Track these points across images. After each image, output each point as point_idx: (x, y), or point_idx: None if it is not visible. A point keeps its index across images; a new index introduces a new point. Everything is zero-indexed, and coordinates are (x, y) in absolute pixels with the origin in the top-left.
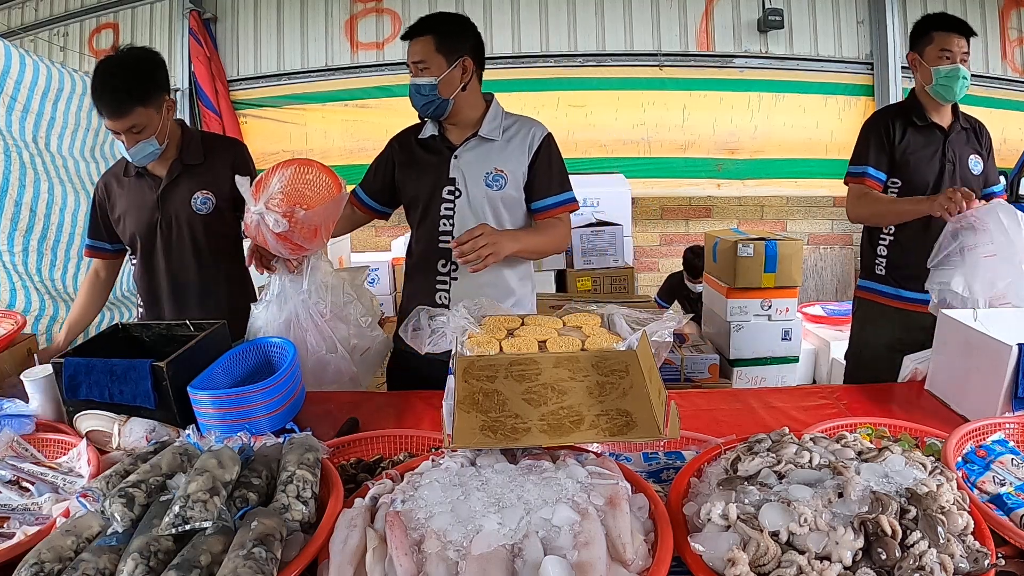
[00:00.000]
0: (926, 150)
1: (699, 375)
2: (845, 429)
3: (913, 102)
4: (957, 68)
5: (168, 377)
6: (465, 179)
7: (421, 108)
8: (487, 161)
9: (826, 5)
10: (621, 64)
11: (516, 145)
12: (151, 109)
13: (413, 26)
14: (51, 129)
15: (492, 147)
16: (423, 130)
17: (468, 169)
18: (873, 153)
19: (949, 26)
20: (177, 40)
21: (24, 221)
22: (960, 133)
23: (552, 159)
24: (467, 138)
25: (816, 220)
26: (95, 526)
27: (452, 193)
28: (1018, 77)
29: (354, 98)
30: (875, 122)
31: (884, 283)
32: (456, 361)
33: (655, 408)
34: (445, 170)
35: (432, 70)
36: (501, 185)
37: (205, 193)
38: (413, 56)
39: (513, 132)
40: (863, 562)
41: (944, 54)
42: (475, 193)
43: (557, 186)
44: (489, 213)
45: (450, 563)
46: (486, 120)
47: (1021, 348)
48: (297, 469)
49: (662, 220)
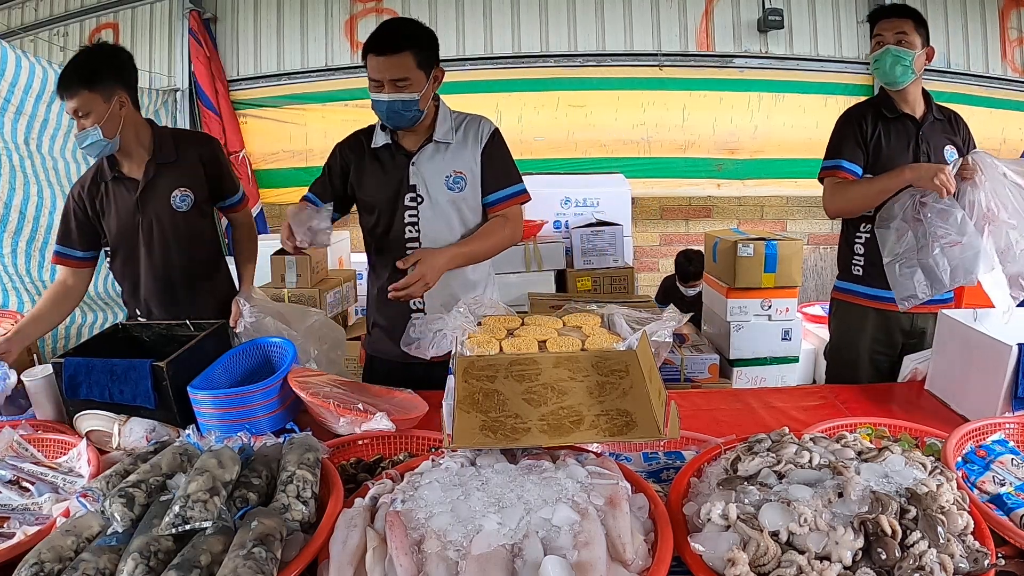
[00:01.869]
0: (899, 141)
1: (699, 375)
2: (845, 429)
3: (882, 96)
4: (886, 49)
5: (168, 377)
6: (426, 185)
7: (396, 123)
8: (445, 164)
9: (826, 5)
10: (621, 64)
11: (469, 144)
12: (97, 95)
13: (386, 41)
14: (43, 131)
15: (448, 150)
16: (374, 138)
17: (428, 174)
18: (846, 147)
19: (883, 13)
20: (177, 40)
21: (13, 224)
22: (934, 123)
23: (501, 152)
24: (422, 144)
25: (816, 220)
26: (95, 526)
27: (415, 200)
28: (1018, 77)
29: (354, 98)
30: (847, 118)
31: (862, 283)
32: (456, 361)
33: (655, 408)
34: (404, 177)
35: (413, 86)
36: (462, 187)
37: (183, 191)
38: (392, 72)
39: (464, 132)
40: (863, 562)
41: (877, 39)
42: (438, 198)
43: (506, 179)
44: (454, 216)
45: (450, 563)
46: (438, 124)
47: (1021, 348)
48: (297, 469)
49: (662, 220)
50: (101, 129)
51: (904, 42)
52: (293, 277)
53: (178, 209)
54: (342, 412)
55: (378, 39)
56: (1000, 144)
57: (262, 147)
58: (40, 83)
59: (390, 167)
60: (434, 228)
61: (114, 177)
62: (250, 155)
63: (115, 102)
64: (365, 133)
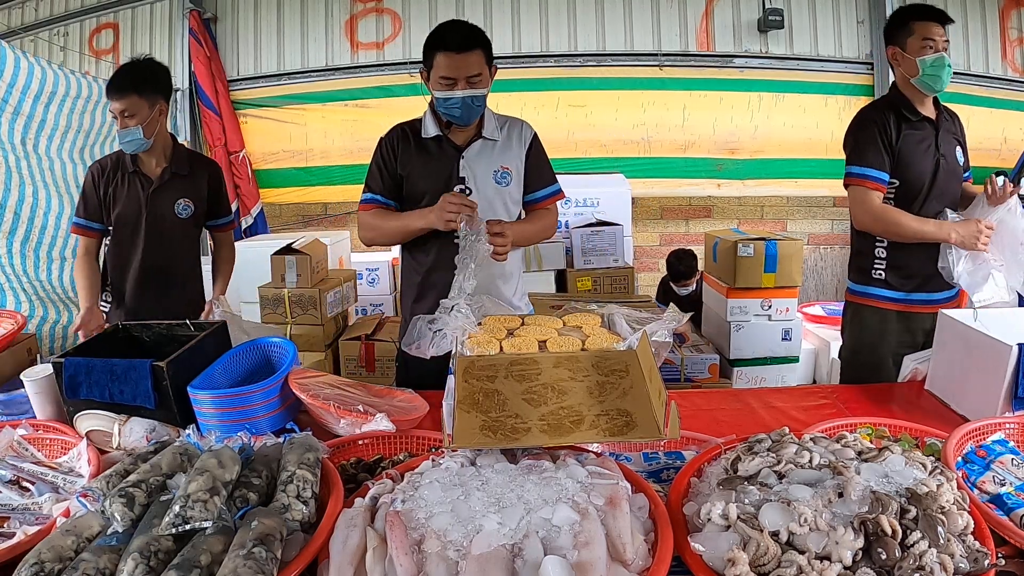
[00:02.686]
0: (921, 145)
1: (699, 375)
2: (845, 429)
3: (898, 96)
4: (942, 56)
5: (168, 377)
6: (475, 177)
7: (468, 118)
8: (494, 160)
9: (826, 5)
10: (621, 64)
11: (513, 143)
12: (144, 101)
13: (459, 39)
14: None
15: (496, 146)
16: (424, 129)
17: (478, 168)
18: (874, 153)
19: (928, 15)
20: (177, 40)
21: (7, 224)
22: (945, 124)
23: (542, 154)
24: (471, 139)
25: (816, 220)
26: (95, 526)
27: (463, 191)
28: (1018, 77)
29: (354, 98)
30: (868, 121)
31: (884, 287)
32: (456, 361)
33: (655, 408)
34: (455, 169)
35: (483, 83)
36: (508, 182)
37: (187, 201)
38: (467, 69)
39: (507, 131)
40: (863, 562)
41: (927, 43)
42: (485, 190)
43: (547, 179)
44: (500, 208)
45: (450, 563)
46: (486, 121)
47: (1021, 348)
48: (297, 469)
49: (662, 220)
50: (143, 130)
51: (948, 51)
52: (293, 277)
53: (179, 215)
54: (342, 414)
55: (451, 37)
56: (1000, 144)
57: (262, 147)
58: (39, 84)
59: (440, 159)
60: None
61: (133, 171)
62: (250, 155)
63: (156, 110)
64: (409, 126)
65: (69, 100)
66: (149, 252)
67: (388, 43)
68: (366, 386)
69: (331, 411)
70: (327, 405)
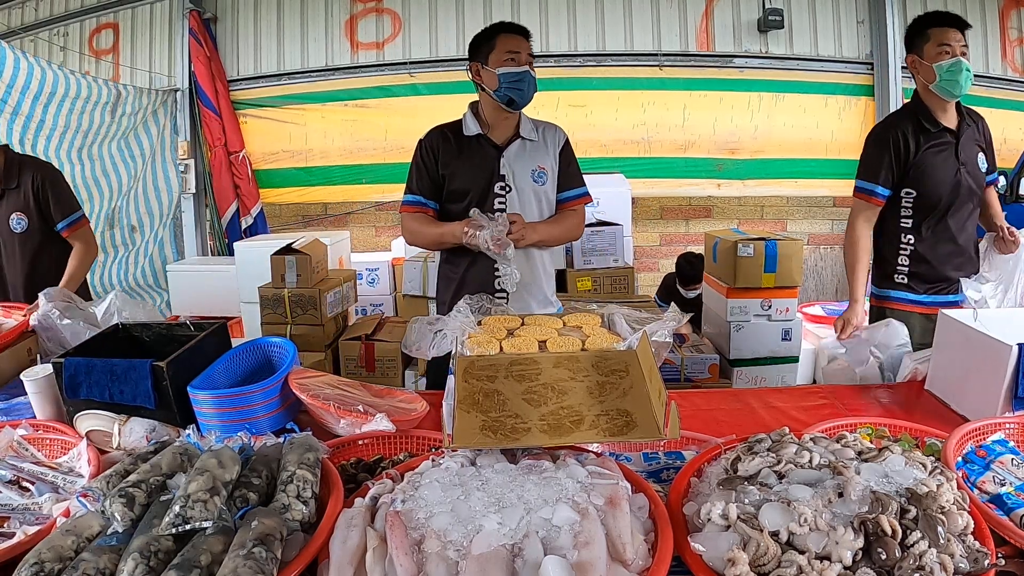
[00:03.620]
0: (940, 156)
1: (699, 375)
2: (845, 429)
3: (919, 106)
4: (959, 61)
5: (168, 377)
6: (515, 175)
7: (525, 95)
8: (532, 159)
9: (826, 5)
10: (621, 64)
11: (548, 145)
12: None
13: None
14: (39, 131)
15: (534, 147)
16: (466, 127)
17: (517, 166)
18: (884, 169)
19: (944, 21)
20: (177, 40)
21: None
22: (967, 132)
23: (572, 157)
24: (510, 139)
25: (816, 220)
26: (95, 526)
27: (503, 188)
28: (1018, 77)
29: (354, 98)
30: (887, 134)
31: (906, 290)
32: (456, 361)
33: (655, 408)
34: (495, 167)
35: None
36: (544, 181)
37: (19, 215)
38: (529, 50)
39: (542, 134)
40: (863, 562)
41: (943, 48)
42: (524, 188)
43: (577, 181)
44: (534, 205)
45: (450, 563)
46: (523, 123)
47: (1021, 348)
48: (297, 469)
49: (662, 220)
50: None
51: (966, 56)
52: (293, 277)
53: (14, 231)
54: (342, 414)
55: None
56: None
57: (262, 147)
58: (38, 83)
59: (481, 157)
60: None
61: None
62: (250, 155)
63: None
64: (448, 127)
65: (68, 100)
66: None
67: (388, 43)
68: (366, 386)
69: (331, 411)
70: (327, 405)
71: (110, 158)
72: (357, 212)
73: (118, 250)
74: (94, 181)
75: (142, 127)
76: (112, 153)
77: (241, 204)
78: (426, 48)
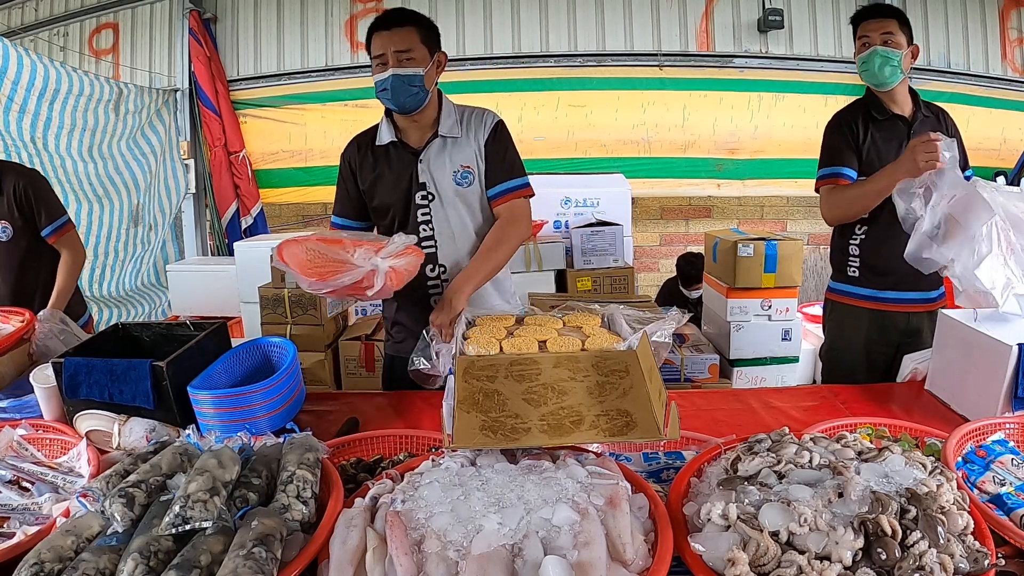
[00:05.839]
0: (890, 143)
1: (699, 375)
2: (845, 429)
3: (869, 97)
4: (873, 50)
5: (168, 377)
6: (435, 181)
7: (403, 101)
8: (452, 159)
9: (826, 5)
10: (621, 64)
11: (472, 137)
12: None
13: (389, 17)
14: (48, 129)
15: (455, 144)
16: (379, 137)
17: (436, 171)
18: (841, 154)
19: (866, 14)
20: (177, 40)
21: None
22: (924, 122)
23: (505, 144)
24: (428, 140)
25: (816, 220)
26: (95, 526)
27: (425, 198)
28: (1018, 77)
29: (354, 98)
30: (837, 123)
31: (858, 285)
32: (456, 361)
33: (655, 408)
34: (414, 175)
35: (417, 60)
36: (470, 181)
37: (2, 223)
38: (396, 44)
39: (467, 126)
40: (863, 562)
41: (863, 41)
42: (447, 194)
43: (508, 172)
44: (463, 210)
45: (450, 563)
46: (443, 118)
47: (1021, 348)
48: (297, 469)
49: (662, 220)
50: None
51: (891, 42)
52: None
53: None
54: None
55: (382, 17)
56: (1000, 144)
57: (262, 147)
58: (43, 81)
59: (398, 166)
60: (447, 225)
61: None
62: (250, 155)
63: None
64: (366, 135)
65: (72, 97)
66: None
67: None
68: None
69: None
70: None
71: (120, 156)
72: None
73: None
74: (108, 179)
75: (148, 126)
76: (122, 152)
77: (241, 204)
78: None
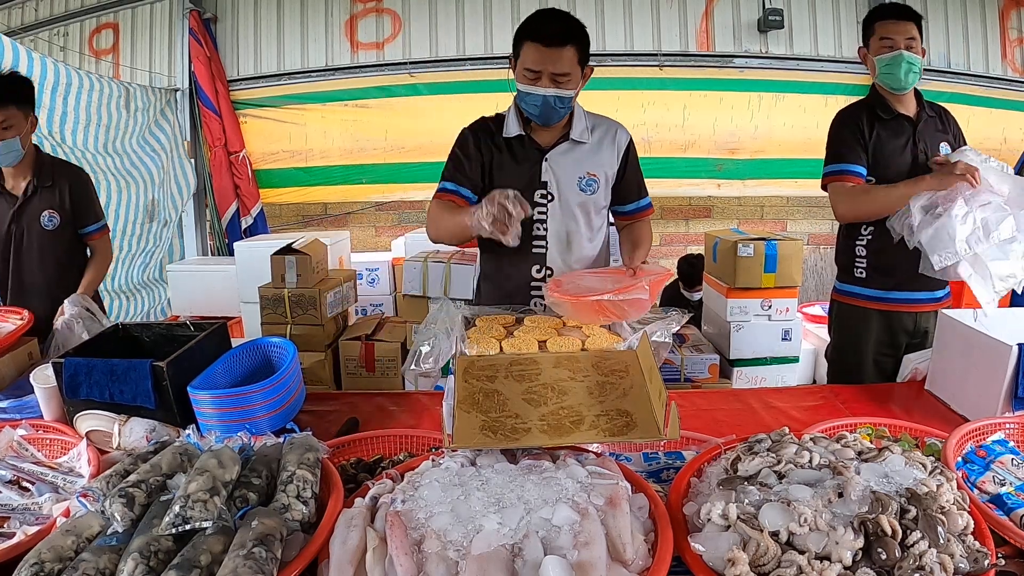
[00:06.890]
0: (896, 142)
1: (699, 375)
2: (845, 429)
3: (875, 96)
4: (900, 54)
5: (168, 377)
6: (558, 183)
7: (547, 118)
8: (579, 165)
9: (826, 5)
10: (621, 64)
11: (605, 148)
12: (20, 112)
13: (553, 32)
14: (64, 123)
15: (583, 150)
16: (506, 127)
17: (561, 173)
18: (849, 150)
19: (889, 14)
20: (177, 40)
21: None
22: (928, 121)
23: (637, 162)
24: (557, 141)
25: (816, 220)
26: (95, 526)
27: (544, 197)
28: (1018, 77)
29: (354, 98)
30: (843, 121)
31: (865, 286)
32: (456, 361)
33: (655, 408)
34: (536, 173)
35: (572, 83)
36: (594, 189)
37: (51, 212)
38: (555, 66)
39: (600, 134)
40: (863, 562)
41: (885, 42)
42: (568, 197)
43: (640, 190)
44: (580, 217)
45: (450, 563)
46: (575, 122)
47: (1021, 348)
48: (297, 469)
49: (662, 220)
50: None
51: (914, 48)
52: (293, 277)
53: (45, 227)
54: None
55: (545, 29)
56: (1000, 144)
57: (262, 147)
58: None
59: (523, 160)
60: (561, 227)
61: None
62: (250, 155)
63: (29, 121)
64: (494, 121)
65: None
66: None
67: (388, 43)
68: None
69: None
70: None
71: (133, 152)
72: (357, 212)
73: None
74: (126, 172)
75: (155, 124)
76: (134, 147)
77: (241, 204)
78: (426, 48)
